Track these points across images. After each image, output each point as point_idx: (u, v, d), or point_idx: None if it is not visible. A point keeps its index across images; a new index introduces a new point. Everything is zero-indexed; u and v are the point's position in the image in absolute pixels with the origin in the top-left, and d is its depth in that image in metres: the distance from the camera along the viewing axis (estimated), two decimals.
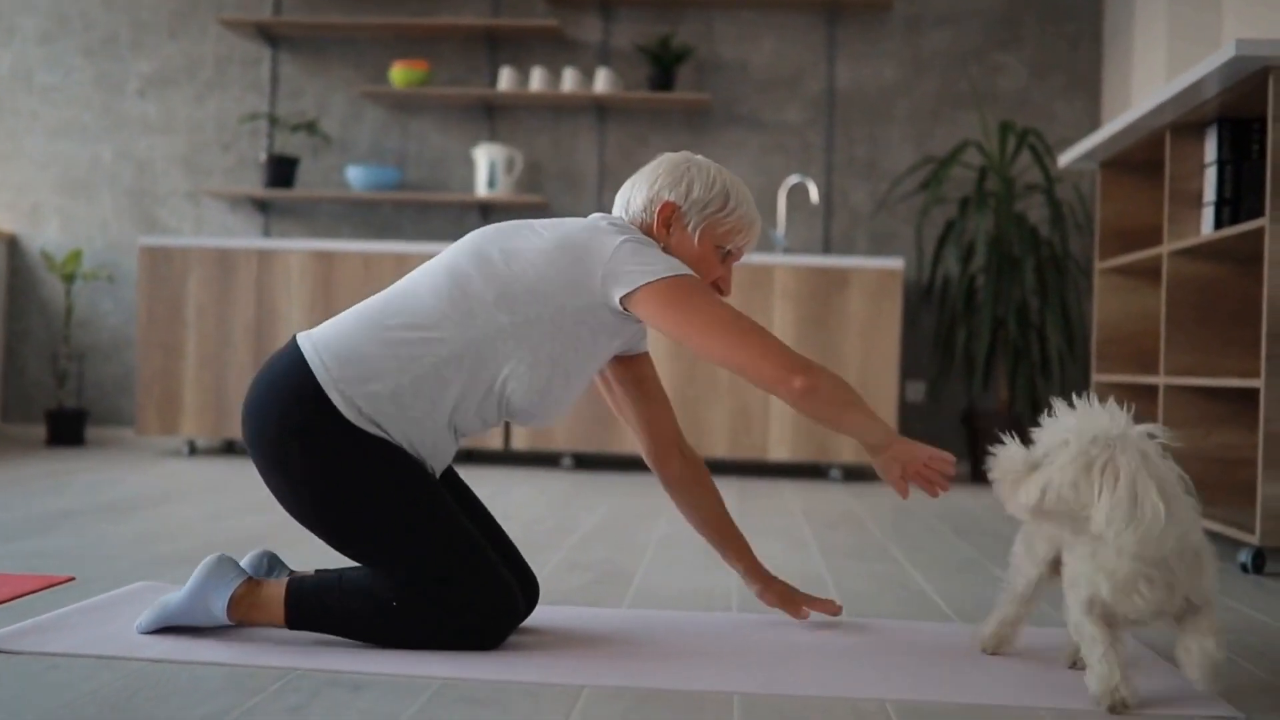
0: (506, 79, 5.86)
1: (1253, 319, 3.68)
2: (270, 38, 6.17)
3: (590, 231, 2.07)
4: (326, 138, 6.11)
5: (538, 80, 5.83)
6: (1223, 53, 3.14)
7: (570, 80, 5.81)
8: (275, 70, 6.20)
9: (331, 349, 2.04)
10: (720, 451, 5.26)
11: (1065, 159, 4.67)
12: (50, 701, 1.70)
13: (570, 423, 5.35)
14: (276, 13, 6.16)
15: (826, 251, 5.93)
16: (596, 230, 2.07)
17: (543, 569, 2.87)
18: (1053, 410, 1.82)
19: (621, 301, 2.03)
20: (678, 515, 3.42)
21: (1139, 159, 4.36)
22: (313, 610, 2.04)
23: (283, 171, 5.97)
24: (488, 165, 5.84)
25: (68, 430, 5.90)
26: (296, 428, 2.01)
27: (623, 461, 5.70)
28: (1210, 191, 3.64)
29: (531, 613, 2.26)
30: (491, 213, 6.10)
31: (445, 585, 2.00)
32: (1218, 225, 3.59)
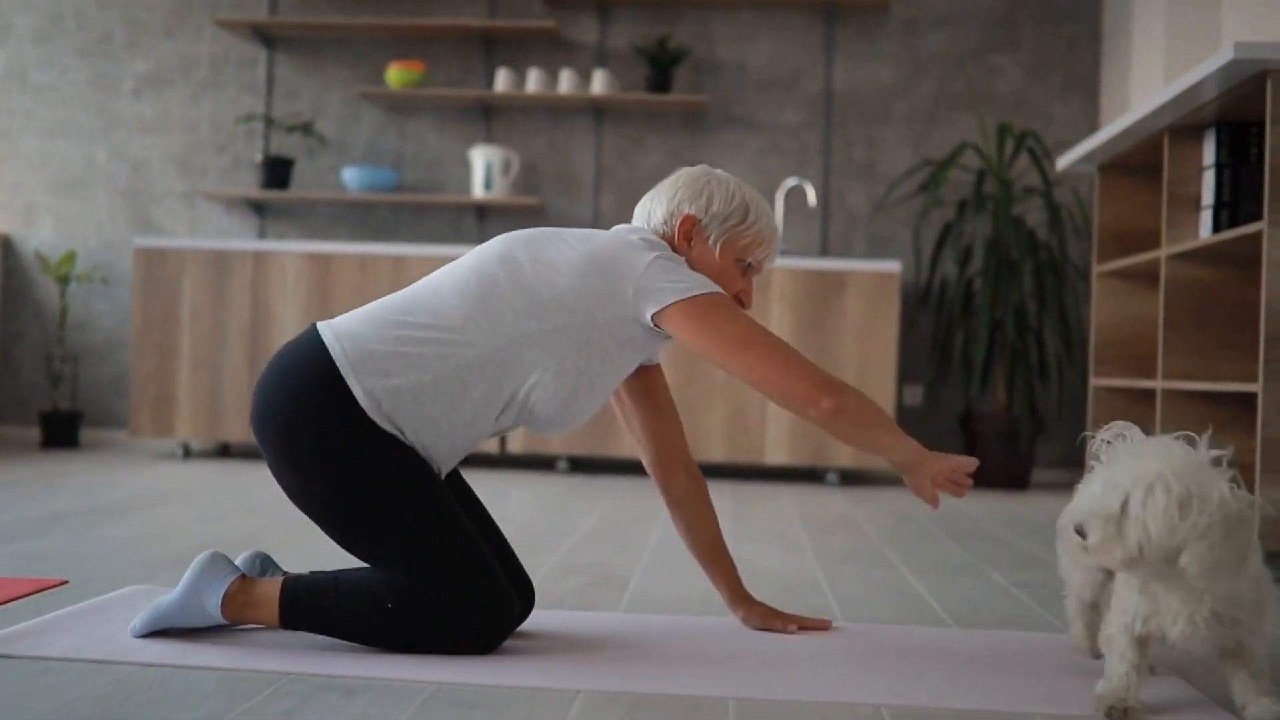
0: (503, 80, 5.85)
1: (1251, 323, 3.67)
2: (266, 38, 6.16)
3: (622, 246, 2.08)
4: (322, 139, 6.09)
5: (534, 81, 5.82)
6: (1221, 56, 3.13)
7: (567, 82, 5.80)
8: (271, 71, 6.18)
9: (354, 340, 2.04)
10: (717, 455, 5.24)
11: (1063, 162, 4.67)
12: (42, 706, 1.69)
13: None
14: (272, 13, 6.15)
15: (824, 254, 5.92)
16: (628, 245, 2.08)
17: (538, 572, 2.87)
18: (1102, 441, 1.78)
19: (653, 318, 2.06)
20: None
21: (1137, 162, 4.36)
22: (308, 610, 2.04)
23: (278, 173, 5.95)
24: (484, 167, 5.83)
25: (62, 432, 5.88)
26: (310, 414, 2.01)
27: (618, 465, 5.69)
28: (1209, 195, 3.63)
29: (527, 618, 2.25)
30: (488, 214, 6.08)
31: (444, 587, 2.00)
32: (1216, 229, 3.59)
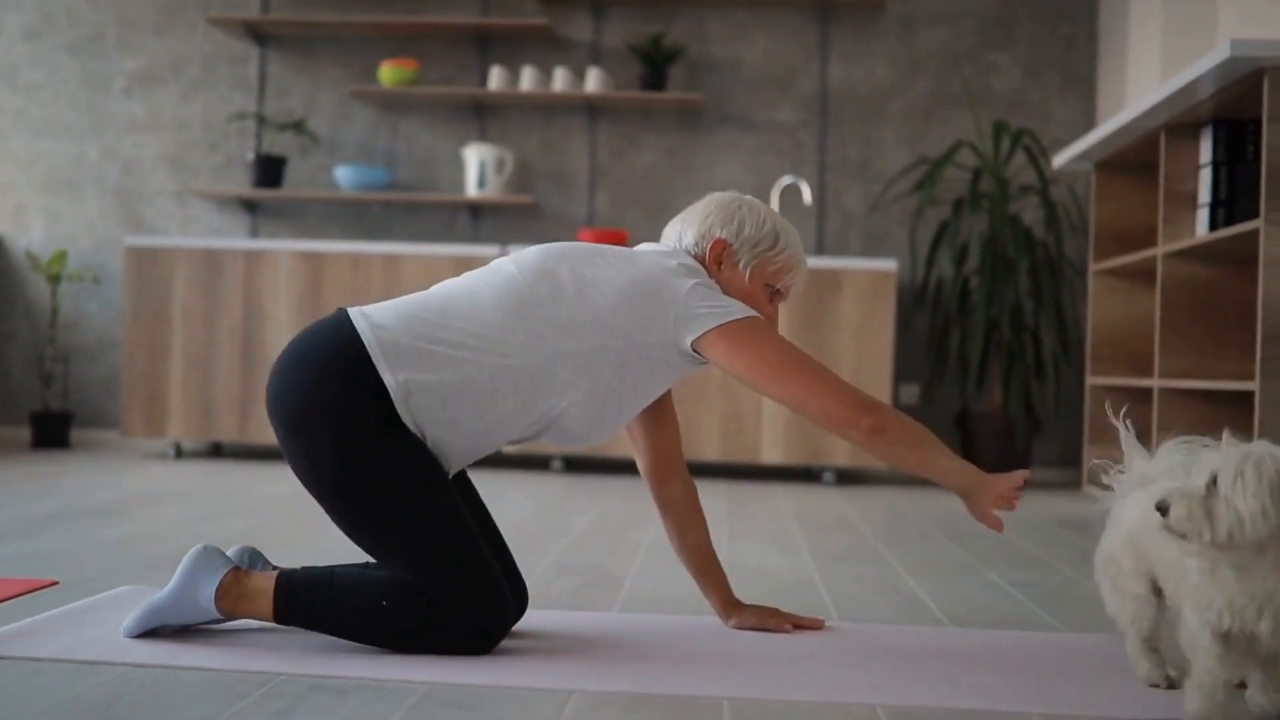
0: (496, 78, 5.82)
1: (1248, 321, 3.66)
2: (258, 36, 6.13)
3: (663, 272, 2.11)
4: (315, 137, 6.07)
5: (528, 80, 5.80)
6: (1217, 53, 3.12)
7: (561, 80, 5.78)
8: (263, 69, 6.16)
9: (389, 331, 2.04)
10: (712, 454, 5.22)
11: (1060, 160, 4.65)
12: (32, 707, 1.68)
13: None
14: (264, 11, 6.12)
15: (819, 253, 5.90)
16: (668, 271, 2.11)
17: (533, 572, 2.85)
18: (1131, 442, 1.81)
19: (692, 344, 2.09)
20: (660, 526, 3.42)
21: (1134, 160, 4.35)
22: (302, 604, 2.03)
23: (270, 171, 5.93)
24: (478, 165, 5.80)
25: (53, 432, 5.85)
26: (332, 397, 2.01)
27: (613, 465, 5.67)
28: (1205, 193, 3.62)
29: (521, 618, 2.24)
30: (481, 213, 6.06)
31: (443, 585, 2.00)
32: (1213, 227, 3.58)
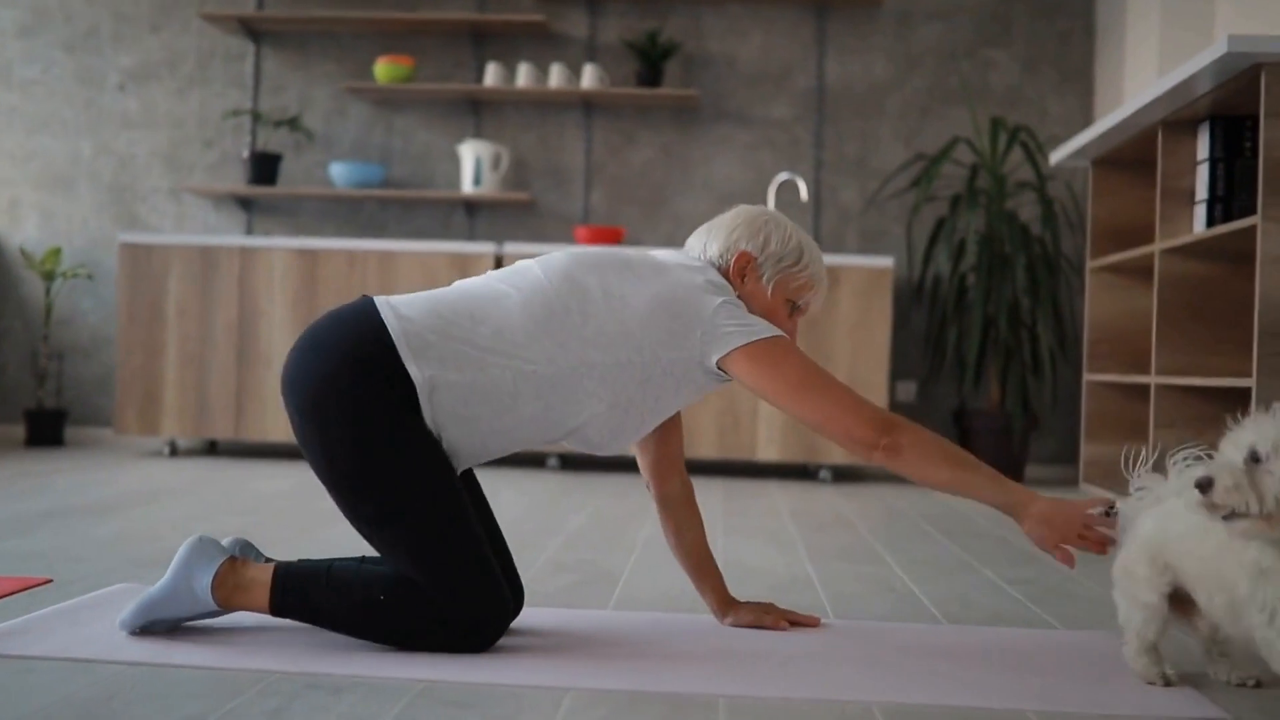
0: (492, 75, 5.81)
1: (1245, 317, 3.65)
2: (253, 32, 6.12)
3: (692, 289, 2.11)
4: (310, 134, 6.05)
5: (524, 76, 5.78)
6: (1214, 49, 3.11)
7: (557, 76, 5.77)
8: (258, 65, 6.14)
9: (415, 324, 2.04)
10: (708, 452, 5.22)
11: (1057, 156, 4.65)
12: (25, 706, 1.67)
13: None
14: (259, 7, 6.10)
15: None
16: (697, 288, 2.11)
17: (528, 570, 2.84)
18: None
19: (717, 362, 2.09)
20: (656, 523, 3.39)
21: (1131, 156, 4.34)
22: (298, 597, 2.03)
23: (266, 168, 5.91)
24: (473, 162, 5.79)
25: (47, 430, 5.84)
26: (353, 385, 2.00)
27: (609, 463, 5.66)
28: (1202, 189, 3.62)
29: (516, 616, 2.23)
30: (477, 210, 6.05)
31: (443, 582, 1.99)
32: (1210, 223, 3.57)
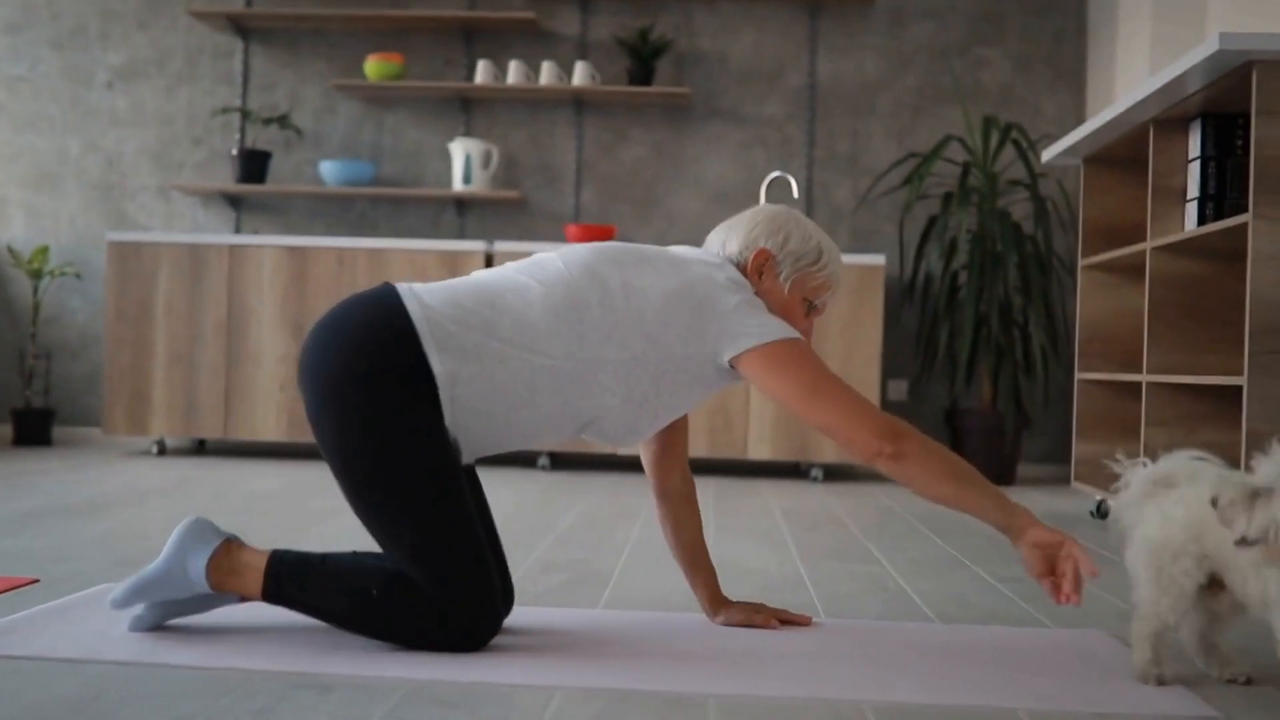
0: (483, 72, 5.79)
1: (1236, 316, 3.65)
2: (242, 29, 6.09)
3: (711, 285, 2.11)
4: (299, 132, 6.03)
5: (515, 74, 5.76)
6: (1206, 47, 3.10)
7: (548, 74, 5.75)
8: (247, 63, 6.11)
9: (438, 314, 2.04)
10: (700, 450, 5.20)
11: (1049, 155, 4.64)
12: (11, 706, 1.65)
13: None
14: (248, 4, 6.08)
15: None
16: (716, 285, 2.11)
17: (519, 569, 2.84)
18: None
19: (730, 361, 2.09)
20: (655, 516, 3.38)
21: (1123, 154, 4.34)
22: (291, 586, 2.02)
23: (255, 166, 5.89)
24: (464, 160, 5.77)
25: (34, 429, 5.81)
26: (372, 372, 1.99)
27: (599, 461, 5.64)
28: (1194, 187, 3.61)
29: (507, 616, 2.22)
30: (468, 208, 6.03)
31: (439, 582, 1.98)
32: (1201, 221, 3.56)
